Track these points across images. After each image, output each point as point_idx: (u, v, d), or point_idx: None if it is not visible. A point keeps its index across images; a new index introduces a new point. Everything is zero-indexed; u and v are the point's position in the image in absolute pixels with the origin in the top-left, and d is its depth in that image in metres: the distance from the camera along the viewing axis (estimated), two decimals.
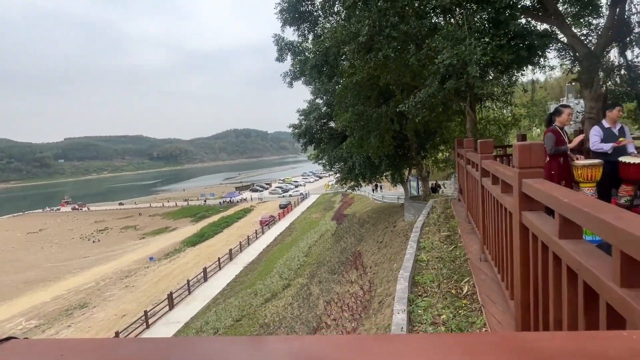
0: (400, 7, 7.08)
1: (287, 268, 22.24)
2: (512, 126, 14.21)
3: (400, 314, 2.76)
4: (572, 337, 0.44)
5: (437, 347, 0.43)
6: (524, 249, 1.93)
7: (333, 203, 41.85)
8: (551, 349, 0.41)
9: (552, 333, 0.43)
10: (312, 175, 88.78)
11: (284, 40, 13.40)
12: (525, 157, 1.89)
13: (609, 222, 0.96)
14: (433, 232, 5.15)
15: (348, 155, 16.97)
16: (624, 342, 0.43)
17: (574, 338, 0.44)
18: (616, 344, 0.42)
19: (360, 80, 9.51)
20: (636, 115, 8.59)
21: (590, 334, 0.45)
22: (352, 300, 10.97)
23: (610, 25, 7.69)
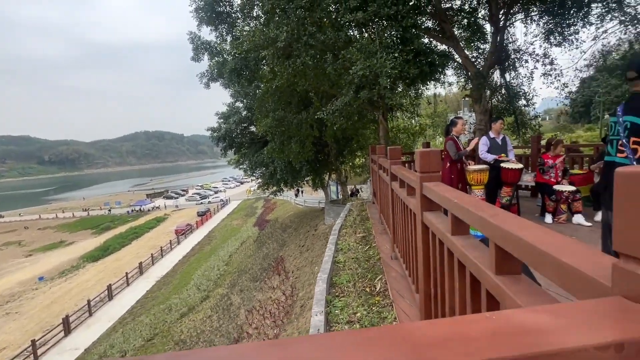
0: (318, 17, 7.32)
1: (205, 279, 21.12)
2: (419, 135, 15.66)
3: (318, 316, 2.82)
4: (446, 323, 0.49)
5: (328, 346, 0.44)
6: (426, 246, 2.12)
7: (255, 209, 41.12)
8: (428, 336, 0.46)
9: (432, 321, 0.48)
10: (232, 180, 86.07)
11: (200, 39, 12.80)
12: (425, 163, 2.09)
13: (487, 219, 1.11)
14: (350, 234, 5.39)
15: (269, 160, 16.87)
16: (486, 323, 0.49)
17: (448, 323, 0.49)
18: (480, 325, 0.49)
19: (280, 86, 9.56)
20: (514, 127, 10.17)
21: (461, 319, 0.51)
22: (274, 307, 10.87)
23: (493, 50, 8.99)
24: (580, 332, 0.45)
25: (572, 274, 0.67)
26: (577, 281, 0.66)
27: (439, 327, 0.49)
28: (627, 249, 0.52)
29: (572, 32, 9.09)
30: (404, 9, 6.97)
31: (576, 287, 0.67)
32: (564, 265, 0.69)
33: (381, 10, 6.74)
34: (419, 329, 0.48)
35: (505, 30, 9.28)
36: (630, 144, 2.03)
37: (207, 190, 71.36)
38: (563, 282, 0.71)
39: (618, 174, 0.53)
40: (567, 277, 0.69)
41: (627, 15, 8.21)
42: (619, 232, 0.54)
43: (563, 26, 9.01)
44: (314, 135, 13.18)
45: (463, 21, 10.08)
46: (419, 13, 7.99)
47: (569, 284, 0.69)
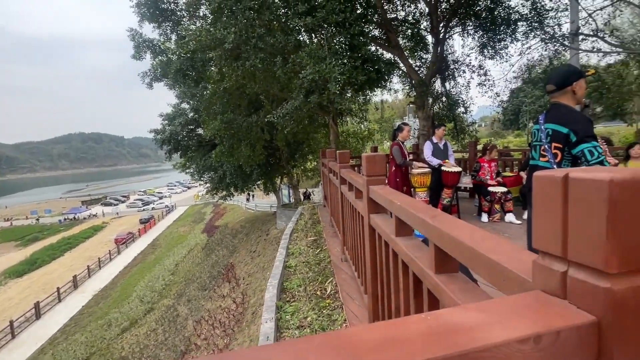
0: (267, 20, 7.26)
1: (149, 290, 19.89)
2: (368, 139, 16.15)
3: (268, 323, 2.77)
4: (384, 326, 0.50)
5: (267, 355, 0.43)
6: (373, 247, 2.18)
7: (203, 214, 39.60)
8: (366, 340, 0.46)
9: (370, 326, 0.48)
10: (179, 185, 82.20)
11: (142, 36, 12.07)
12: (371, 167, 2.15)
13: (426, 221, 1.16)
14: (301, 237, 5.38)
15: (218, 164, 16.37)
16: (421, 324, 0.51)
17: (385, 327, 0.50)
18: (415, 327, 0.50)
19: (229, 88, 9.32)
20: (453, 133, 10.88)
21: (398, 321, 0.52)
22: (224, 316, 10.53)
23: (434, 60, 9.56)
24: (503, 327, 0.48)
25: (499, 271, 0.72)
26: (504, 277, 0.70)
27: (376, 331, 0.49)
28: (544, 246, 0.57)
29: (502, 47, 9.96)
30: (352, 16, 7.16)
31: (503, 283, 0.72)
32: (492, 263, 0.74)
33: (329, 17, 6.86)
34: (357, 335, 0.48)
35: (445, 42, 9.92)
36: (551, 149, 2.27)
37: (151, 196, 67.43)
38: (492, 279, 0.75)
39: (536, 178, 0.58)
40: (495, 274, 0.74)
41: (547, 34, 9.17)
42: (537, 230, 0.58)
43: (494, 41, 9.84)
44: (264, 139, 13.02)
45: (407, 31, 10.60)
46: (366, 22, 8.26)
47: (497, 280, 0.74)
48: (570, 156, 2.23)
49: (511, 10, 9.35)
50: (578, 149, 2.15)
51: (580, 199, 0.50)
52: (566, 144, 2.22)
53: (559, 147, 2.24)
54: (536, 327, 0.47)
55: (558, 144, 2.24)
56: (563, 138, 2.22)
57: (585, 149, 2.12)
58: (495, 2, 9.29)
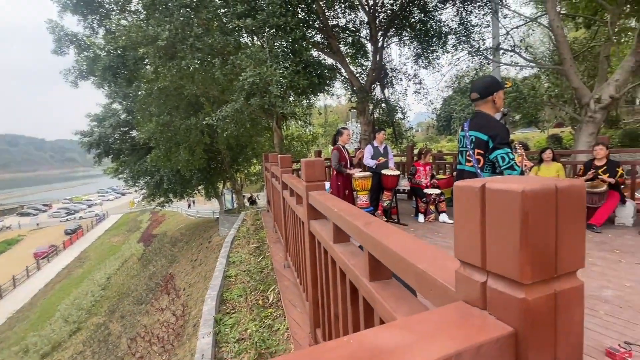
0: (205, 19, 6.97)
1: (76, 308, 18.01)
2: (312, 143, 16.27)
3: (205, 338, 2.61)
4: (305, 355, 0.45)
5: None
6: (313, 254, 2.15)
7: (140, 223, 36.91)
8: None
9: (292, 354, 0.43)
10: (111, 192, 75.82)
11: (64, 29, 10.91)
12: (311, 172, 2.11)
13: (360, 228, 1.14)
14: (243, 245, 5.21)
15: (155, 168, 15.35)
16: (341, 350, 0.47)
17: (306, 355, 0.45)
18: (338, 352, 0.46)
19: (165, 88, 8.77)
20: (392, 138, 11.38)
21: (318, 348, 0.48)
22: (162, 330, 9.88)
23: (374, 67, 9.92)
24: (426, 346, 0.46)
25: (426, 280, 0.71)
26: (431, 287, 0.70)
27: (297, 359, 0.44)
28: (464, 256, 0.57)
29: (435, 57, 10.67)
30: (293, 20, 7.15)
31: (430, 292, 0.71)
32: (420, 272, 0.73)
33: (270, 20, 6.77)
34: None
35: (384, 50, 10.35)
36: (475, 155, 2.44)
37: (78, 204, 61.32)
38: (420, 288, 0.75)
39: (457, 187, 0.58)
40: (423, 283, 0.73)
41: (473, 47, 10.00)
42: (458, 240, 0.58)
43: (428, 51, 10.50)
44: (205, 142, 12.47)
45: (348, 39, 10.88)
46: (308, 27, 8.31)
47: (424, 289, 0.73)
48: (489, 161, 2.41)
49: (442, 24, 10.05)
50: (493, 154, 2.33)
51: (496, 209, 0.50)
52: (486, 149, 2.39)
53: (481, 153, 2.41)
54: (457, 344, 0.46)
55: (480, 150, 2.42)
56: (484, 144, 2.39)
57: (498, 155, 2.30)
58: (428, 15, 9.92)
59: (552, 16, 6.84)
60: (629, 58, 6.42)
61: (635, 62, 6.31)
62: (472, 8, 9.61)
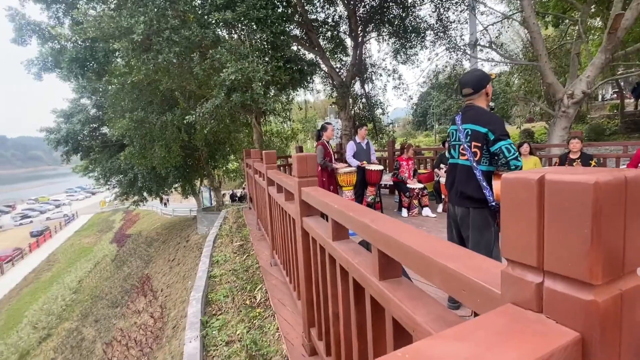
0: (182, 10, 6.70)
1: (45, 314, 17.21)
2: (292, 139, 16.12)
3: (193, 342, 2.50)
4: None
5: None
6: (306, 252, 2.08)
7: (112, 223, 35.61)
8: None
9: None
10: (80, 191, 72.76)
11: (25, 18, 10.23)
12: (303, 168, 2.04)
13: (368, 225, 1.09)
14: (226, 243, 5.07)
15: (128, 166, 14.78)
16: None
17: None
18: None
19: (139, 83, 8.40)
20: (373, 133, 11.43)
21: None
22: (140, 333, 9.58)
23: (354, 62, 9.90)
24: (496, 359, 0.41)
25: (459, 281, 0.66)
26: (465, 288, 0.65)
27: None
28: (515, 255, 0.52)
29: (413, 53, 10.76)
30: (273, 14, 6.99)
31: (462, 293, 0.66)
32: (451, 272, 0.68)
33: (250, 12, 6.59)
34: None
35: (363, 45, 10.34)
36: (471, 148, 2.44)
37: (45, 204, 58.50)
38: (450, 289, 0.70)
39: (505, 181, 0.53)
40: (454, 283, 0.68)
41: (451, 43, 10.15)
42: (507, 238, 0.53)
43: (406, 47, 10.57)
44: (182, 139, 12.09)
45: (327, 33, 10.81)
46: (287, 20, 8.16)
47: (454, 289, 0.69)
48: (488, 154, 2.42)
49: (420, 20, 10.14)
50: (496, 146, 2.34)
51: (559, 204, 0.45)
52: (485, 142, 2.40)
53: (478, 146, 2.42)
54: (529, 355, 0.41)
55: (477, 143, 2.42)
56: (482, 137, 2.39)
57: (503, 146, 2.32)
58: (406, 11, 9.98)
59: (529, 13, 7.02)
60: (599, 55, 6.68)
61: (605, 59, 6.57)
62: (450, 4, 9.74)
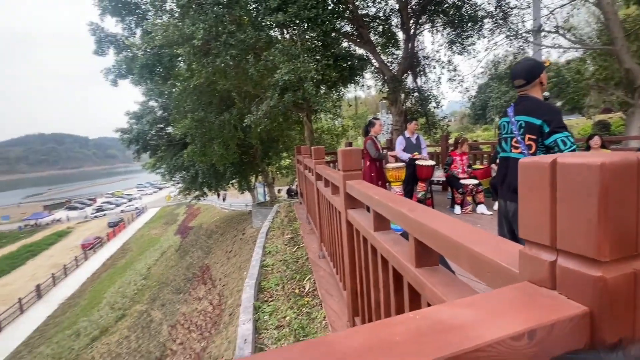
0: (238, 15, 7.08)
1: (120, 296, 19.16)
2: (342, 135, 16.21)
3: (246, 324, 2.70)
4: (369, 329, 0.46)
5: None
6: (350, 243, 2.15)
7: (176, 216, 38.50)
8: (350, 346, 0.42)
9: (354, 329, 0.44)
10: (149, 186, 79.49)
11: (104, 31, 11.47)
12: (347, 162, 2.11)
13: (406, 214, 1.13)
14: (277, 235, 5.31)
15: (190, 163, 15.91)
16: (409, 324, 0.47)
17: (371, 329, 0.46)
18: (403, 327, 0.46)
19: (199, 85, 9.04)
20: (426, 128, 11.09)
21: (384, 322, 0.48)
22: (200, 318, 10.30)
23: (405, 56, 9.68)
24: (496, 323, 0.45)
25: (483, 263, 0.70)
26: (489, 269, 0.68)
27: (362, 335, 0.45)
28: (531, 235, 0.55)
29: (470, 43, 10.23)
30: (324, 13, 7.11)
31: (488, 275, 0.69)
32: (476, 254, 0.72)
33: (301, 13, 6.77)
34: (342, 340, 0.44)
35: (416, 38, 10.07)
36: (525, 140, 2.33)
37: (119, 198, 64.86)
38: (476, 271, 0.73)
39: (522, 165, 0.56)
40: (479, 266, 0.72)
41: (511, 30, 9.51)
42: (524, 219, 0.56)
43: (462, 37, 10.09)
44: (238, 137, 12.76)
45: (378, 28, 10.68)
46: (338, 17, 8.24)
47: (481, 272, 0.72)
48: (543, 147, 2.29)
49: (477, 8, 9.61)
50: (551, 139, 2.21)
51: (569, 185, 0.48)
52: (540, 135, 2.27)
53: (533, 139, 2.30)
54: (529, 322, 0.45)
55: (532, 135, 2.30)
56: (537, 129, 2.27)
57: (558, 139, 2.18)
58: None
59: None
60: None
61: None
62: None
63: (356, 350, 0.41)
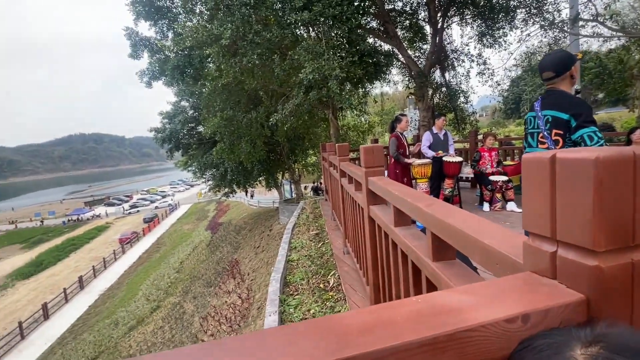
0: (264, 15, 7.21)
1: (155, 288, 20.05)
2: (368, 132, 16.11)
3: (272, 316, 2.79)
4: (373, 310, 0.50)
5: (255, 344, 0.43)
6: (373, 239, 2.19)
7: (207, 212, 39.74)
8: (354, 324, 0.47)
9: (359, 310, 0.49)
10: (182, 183, 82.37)
11: (139, 35, 12.02)
12: (369, 158, 2.14)
13: (423, 209, 1.16)
14: (303, 231, 5.40)
15: (219, 161, 16.37)
16: (412, 306, 0.51)
17: (374, 310, 0.50)
18: (405, 309, 0.51)
19: (227, 85, 9.28)
20: (454, 123, 10.83)
21: (388, 305, 0.52)
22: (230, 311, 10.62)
23: (433, 50, 9.49)
24: (491, 307, 0.49)
25: (492, 255, 0.72)
26: (497, 261, 0.71)
27: (366, 314, 0.50)
28: (533, 227, 0.57)
29: (501, 35, 9.86)
30: (349, 9, 7.10)
31: (496, 266, 0.72)
32: (485, 247, 0.74)
33: (326, 11, 6.80)
34: (347, 318, 0.49)
35: (444, 31, 9.83)
36: (551, 136, 2.25)
37: (154, 195, 67.70)
38: (486, 263, 0.76)
39: (525, 160, 0.58)
40: (488, 258, 0.74)
41: (546, 20, 9.08)
42: (526, 212, 0.59)
43: (493, 29, 9.74)
44: (265, 135, 13.01)
45: (405, 22, 10.52)
46: (364, 13, 8.20)
47: (490, 264, 0.74)
48: (571, 142, 2.20)
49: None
50: (577, 134, 2.13)
51: (567, 179, 0.50)
52: (567, 130, 2.19)
53: (560, 134, 2.22)
54: (524, 307, 0.48)
55: (559, 131, 2.22)
56: (564, 124, 2.19)
57: (584, 134, 2.10)
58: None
59: None
60: None
61: None
62: None
63: (358, 327, 0.46)
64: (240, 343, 0.44)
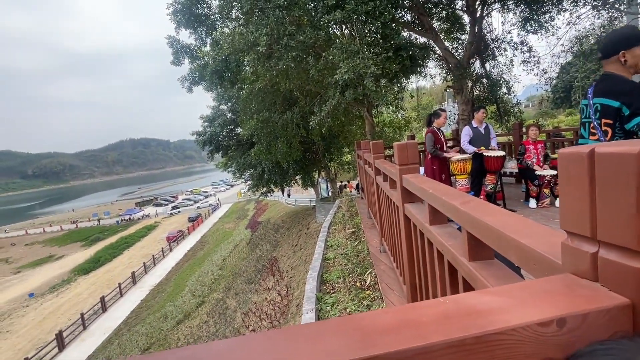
0: (297, 16, 7.28)
1: (200, 284, 20.97)
2: (405, 128, 15.77)
3: (309, 313, 2.83)
4: (399, 310, 0.50)
5: (280, 340, 0.45)
6: (408, 237, 2.15)
7: (247, 211, 40.91)
8: (380, 324, 0.47)
9: (385, 310, 0.49)
10: (222, 184, 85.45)
11: (180, 43, 12.60)
12: (403, 155, 2.11)
13: (458, 207, 1.13)
14: (339, 230, 5.41)
15: (257, 161, 16.77)
16: (438, 308, 0.50)
17: (401, 310, 0.50)
18: (432, 310, 0.50)
19: (264, 87, 9.48)
20: (496, 116, 10.30)
21: (415, 305, 0.52)
22: (270, 308, 10.87)
23: (472, 40, 9.08)
24: (524, 310, 0.47)
25: (529, 255, 0.69)
26: (534, 261, 0.68)
27: (392, 314, 0.50)
28: (572, 226, 0.54)
29: (548, 19, 9.23)
30: (382, 4, 6.98)
31: (534, 267, 0.69)
32: (522, 246, 0.71)
33: (359, 7, 6.74)
34: (373, 318, 0.49)
35: (483, 20, 9.38)
36: (601, 126, 2.06)
37: (197, 195, 70.75)
38: (523, 263, 0.73)
39: (560, 155, 0.55)
40: (525, 257, 0.71)
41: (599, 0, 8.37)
42: (564, 210, 0.56)
43: (538, 14, 9.14)
44: (301, 135, 13.16)
45: (441, 13, 10.15)
46: (397, 7, 8.02)
47: (527, 264, 0.71)
48: (622, 132, 2.00)
49: None
50: (632, 122, 1.92)
51: (608, 175, 0.47)
52: (617, 119, 2.00)
53: (609, 124, 2.02)
54: (560, 310, 0.46)
55: (608, 120, 2.02)
56: (613, 113, 1.99)
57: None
58: None
59: None
60: None
61: None
62: None
63: (384, 327, 0.46)
64: (268, 338, 0.46)
